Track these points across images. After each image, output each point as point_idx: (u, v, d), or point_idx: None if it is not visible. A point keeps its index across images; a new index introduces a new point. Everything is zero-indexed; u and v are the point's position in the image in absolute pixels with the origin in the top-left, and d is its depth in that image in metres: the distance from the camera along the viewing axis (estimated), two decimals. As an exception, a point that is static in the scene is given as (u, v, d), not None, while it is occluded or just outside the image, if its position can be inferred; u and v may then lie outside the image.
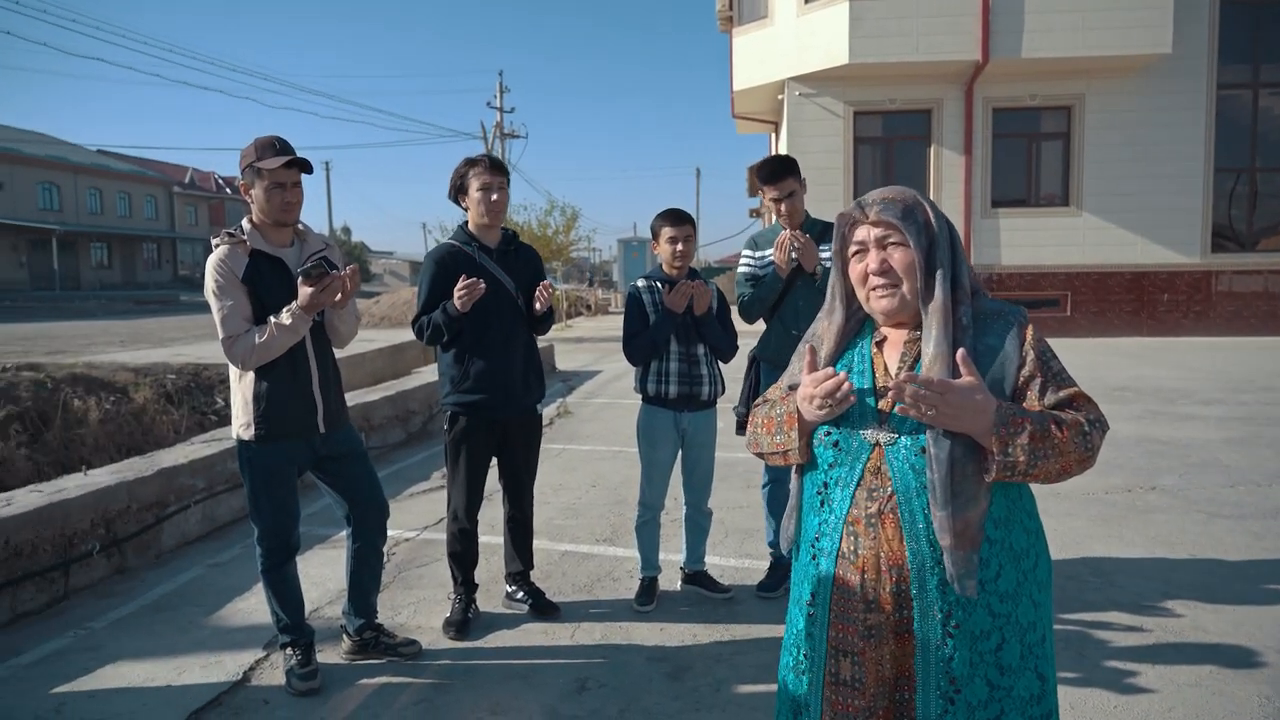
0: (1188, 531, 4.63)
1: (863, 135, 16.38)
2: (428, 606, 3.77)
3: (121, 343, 14.99)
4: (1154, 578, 3.95)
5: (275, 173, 2.86)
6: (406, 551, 4.53)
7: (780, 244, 3.54)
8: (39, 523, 3.86)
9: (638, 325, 3.65)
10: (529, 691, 2.99)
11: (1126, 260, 15.93)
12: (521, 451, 3.64)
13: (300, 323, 2.83)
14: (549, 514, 5.04)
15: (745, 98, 18.32)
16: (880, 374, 1.67)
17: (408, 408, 7.65)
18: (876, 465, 1.60)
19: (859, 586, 1.60)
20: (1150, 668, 3.07)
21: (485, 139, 33.11)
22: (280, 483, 3.00)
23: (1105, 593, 3.77)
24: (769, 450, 1.77)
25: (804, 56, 15.92)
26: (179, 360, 9.38)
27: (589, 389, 10.86)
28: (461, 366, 3.44)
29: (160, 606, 3.86)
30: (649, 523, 3.77)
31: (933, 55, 15.07)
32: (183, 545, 4.68)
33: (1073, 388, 1.59)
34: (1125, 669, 3.07)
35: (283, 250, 2.99)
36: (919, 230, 1.61)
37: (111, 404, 7.41)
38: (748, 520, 4.95)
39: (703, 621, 3.56)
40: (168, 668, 3.22)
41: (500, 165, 3.49)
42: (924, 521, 1.54)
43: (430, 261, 3.48)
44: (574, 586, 3.98)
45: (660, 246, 3.67)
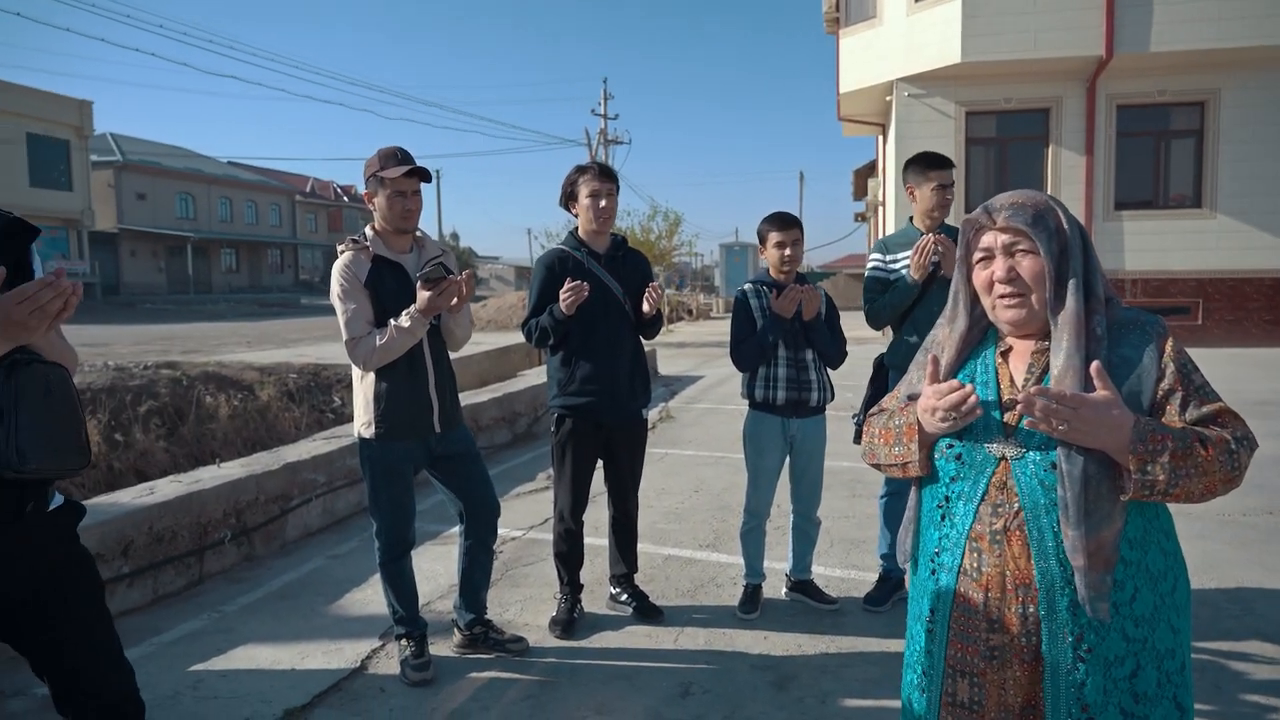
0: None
1: (975, 136, 15.85)
2: (534, 605, 3.85)
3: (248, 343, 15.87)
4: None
5: (397, 181, 2.99)
6: (513, 550, 4.63)
7: (921, 248, 3.44)
8: (178, 511, 4.13)
9: (745, 330, 3.63)
10: (633, 693, 3.01)
11: (1266, 265, 14.87)
12: (626, 455, 3.67)
13: (418, 325, 2.94)
14: (652, 518, 5.07)
15: (852, 100, 17.99)
16: (1006, 385, 1.61)
17: (514, 409, 7.82)
18: (1002, 480, 1.55)
19: (982, 605, 1.55)
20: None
21: (589, 145, 33.59)
22: (398, 480, 3.12)
23: (1244, 621, 3.53)
24: (886, 462, 1.74)
25: (914, 56, 15.52)
26: (300, 360, 9.87)
27: (691, 394, 10.86)
28: (569, 370, 3.50)
29: (285, 594, 4.06)
30: (754, 530, 3.74)
31: (1052, 51, 14.44)
32: (304, 536, 4.92)
33: (1217, 403, 1.51)
34: (1267, 704, 2.86)
35: (402, 256, 3.11)
36: (1050, 237, 1.55)
37: (239, 401, 7.86)
38: (854, 530, 4.85)
39: (808, 632, 3.51)
40: (292, 652, 3.39)
41: (609, 172, 3.54)
42: (1054, 540, 1.49)
43: (540, 266, 3.56)
44: (677, 591, 3.99)
45: (768, 251, 3.65)
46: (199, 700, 3.00)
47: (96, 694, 1.92)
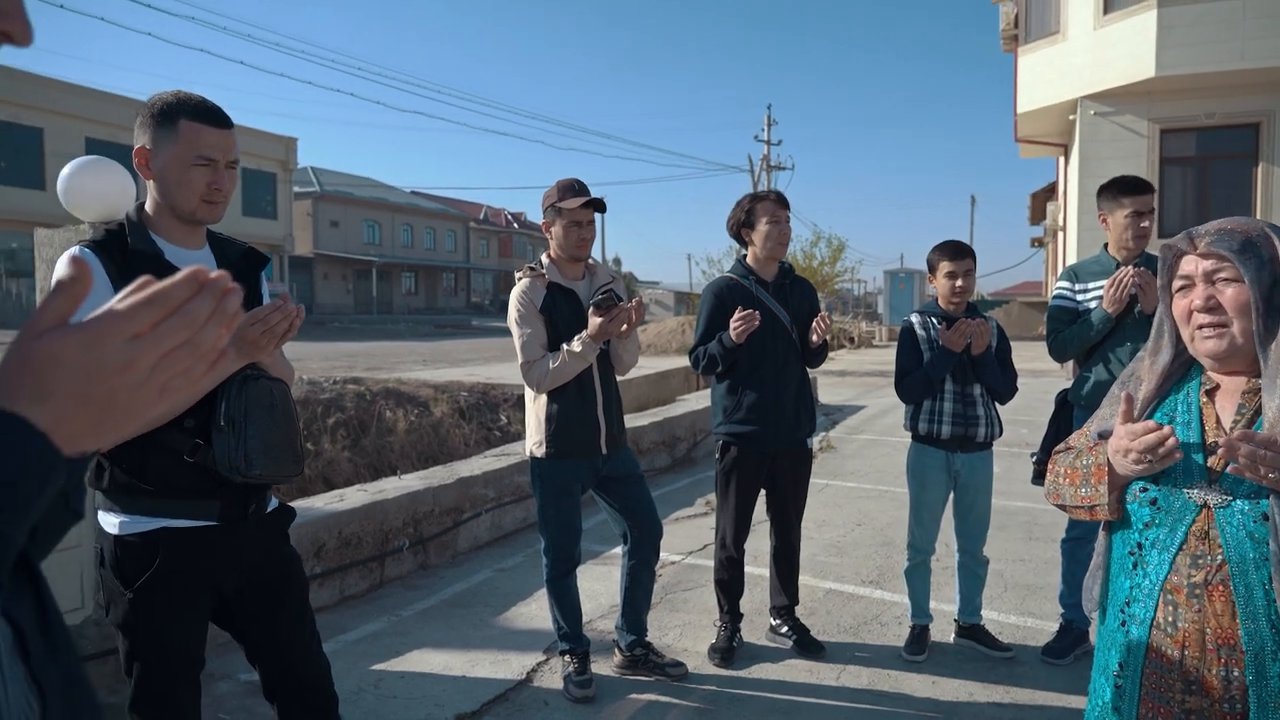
0: None
1: (1171, 155, 14.70)
2: (693, 631, 3.87)
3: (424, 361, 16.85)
4: None
5: (574, 211, 3.14)
6: (672, 574, 4.68)
7: (1118, 281, 3.24)
8: (364, 518, 4.45)
9: (911, 362, 3.54)
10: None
11: None
12: (790, 484, 3.65)
13: (589, 350, 3.06)
14: (813, 550, 4.99)
15: (1030, 120, 17.14)
16: (1211, 427, 1.51)
17: (674, 434, 7.91)
18: (1204, 529, 1.44)
19: (1178, 663, 1.44)
20: None
21: (752, 172, 33.65)
22: (566, 498, 3.24)
23: None
24: (1072, 503, 1.66)
25: (1101, 72, 14.61)
26: (471, 379, 10.40)
27: (852, 424, 10.60)
28: (735, 397, 3.53)
29: (456, 603, 4.28)
30: (919, 566, 3.61)
31: (1262, 61, 13.20)
32: (474, 549, 5.17)
33: None
34: None
35: (575, 283, 3.25)
36: (1260, 265, 1.44)
37: (415, 416, 8.38)
38: (1030, 575, 4.58)
39: (979, 680, 3.34)
40: (463, 659, 3.57)
41: (785, 199, 3.57)
42: (1264, 599, 1.37)
43: (709, 294, 3.61)
44: (839, 627, 3.90)
45: (938, 280, 3.54)
46: (380, 699, 3.22)
47: (301, 682, 2.11)
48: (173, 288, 0.65)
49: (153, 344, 0.64)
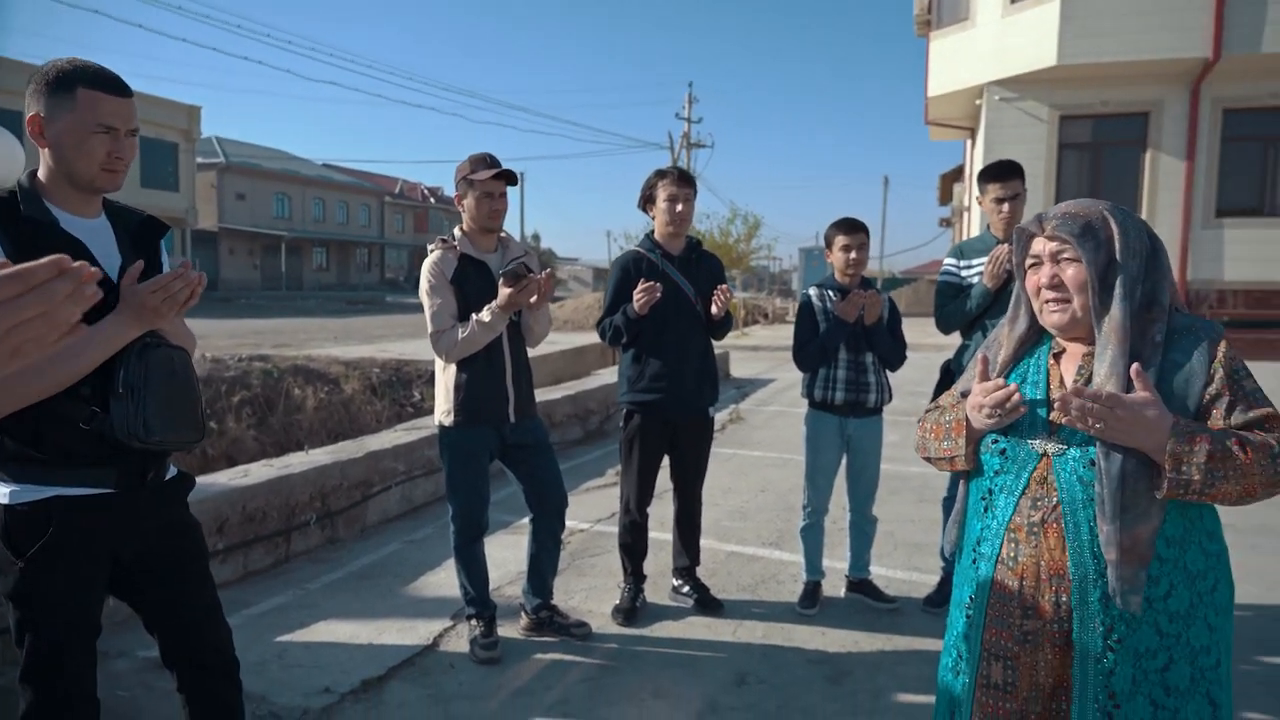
0: None
1: (1069, 141, 15.37)
2: (598, 594, 3.98)
3: (335, 338, 16.51)
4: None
5: (485, 184, 3.18)
6: (580, 541, 4.78)
7: (995, 257, 3.45)
8: (269, 493, 4.40)
9: (808, 332, 3.71)
10: (690, 680, 3.11)
11: (1382, 278, 14.04)
12: (692, 451, 3.77)
13: (498, 320, 3.11)
14: (717, 515, 5.15)
15: (940, 103, 17.68)
16: (1055, 386, 1.67)
17: (587, 407, 7.99)
18: (1043, 475, 1.60)
19: (1017, 592, 1.61)
20: (1371, 725, 2.78)
21: (672, 149, 33.77)
22: (474, 465, 3.29)
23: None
24: (936, 455, 1.81)
25: (1006, 59, 15.16)
26: (384, 356, 10.27)
27: (762, 396, 10.88)
28: (639, 367, 3.62)
29: (364, 574, 4.29)
30: (813, 526, 3.80)
31: (1155, 54, 13.91)
32: (383, 522, 5.16)
33: (1265, 408, 1.53)
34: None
35: (487, 255, 3.29)
36: (1097, 247, 1.59)
37: (325, 393, 8.25)
38: (918, 534, 4.84)
39: (865, 629, 3.55)
40: (370, 628, 3.59)
41: (688, 177, 3.66)
42: (1089, 534, 1.54)
43: (616, 267, 3.69)
44: (738, 586, 4.07)
45: (833, 254, 3.71)
46: (284, 668, 3.22)
47: (200, 646, 2.12)
48: (36, 269, 0.71)
49: (9, 313, 0.69)
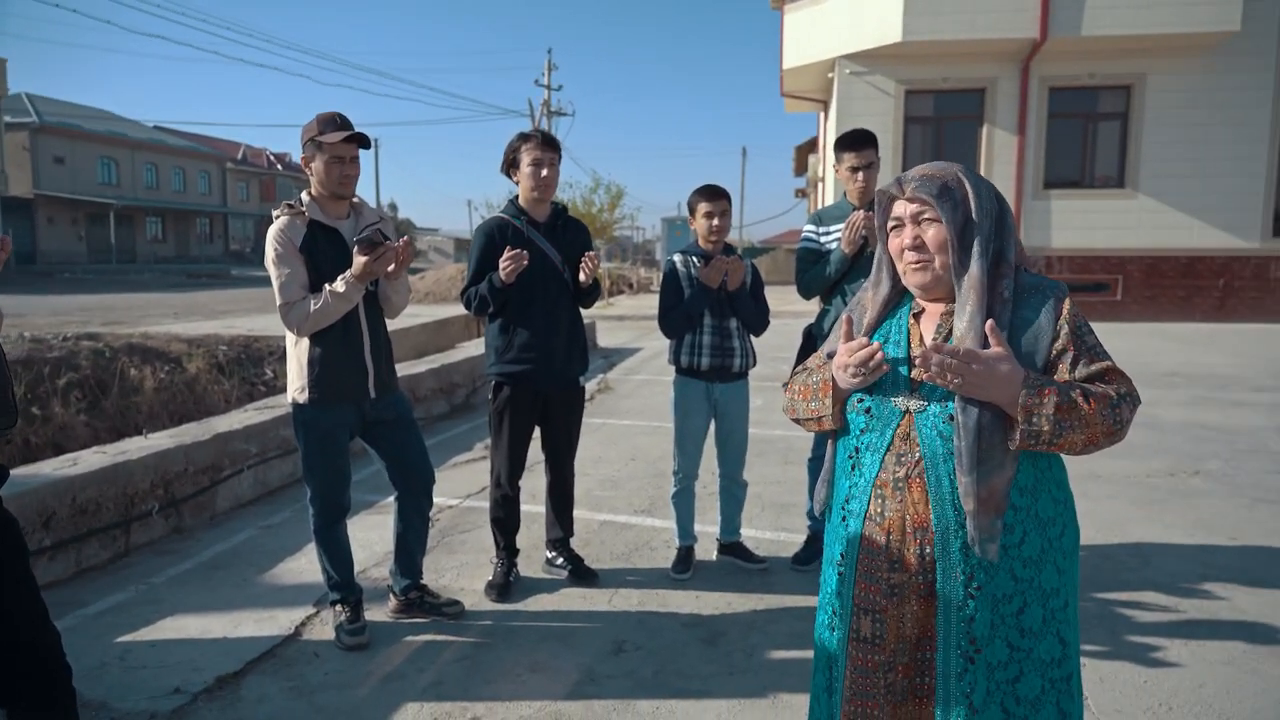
0: (1230, 516, 4.57)
1: (913, 115, 16.13)
2: (470, 570, 3.89)
3: (175, 315, 15.43)
4: (1192, 560, 3.93)
5: (335, 147, 2.98)
6: (450, 518, 4.66)
7: (851, 224, 3.54)
8: (103, 482, 4.05)
9: (673, 299, 3.72)
10: (567, 652, 3.09)
11: (1181, 244, 15.53)
12: (563, 422, 3.73)
13: (353, 290, 2.94)
14: (588, 485, 5.14)
15: (795, 76, 18.14)
16: (916, 344, 1.71)
17: (452, 380, 7.80)
18: (906, 431, 1.65)
19: (884, 546, 1.65)
20: (1183, 645, 3.08)
21: (533, 117, 33.23)
22: (332, 444, 3.12)
23: (1142, 573, 3.76)
24: (804, 416, 1.83)
25: (856, 34, 15.70)
26: (231, 332, 9.66)
27: (629, 365, 10.94)
28: (506, 337, 3.53)
29: (216, 565, 4.03)
30: (684, 492, 3.84)
31: (989, 33, 14.75)
32: (236, 508, 4.87)
33: (1105, 361, 1.61)
34: (1157, 645, 3.08)
35: (339, 222, 3.10)
36: (954, 207, 1.64)
37: (166, 373, 7.67)
38: (785, 495, 5.00)
39: (737, 590, 3.63)
40: (224, 621, 3.38)
41: (552, 141, 3.56)
42: (949, 486, 1.59)
43: (480, 234, 3.57)
44: (612, 555, 4.07)
45: (696, 221, 3.73)
46: (127, 670, 2.99)
47: (25, 651, 1.92)
48: None
49: None
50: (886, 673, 1.65)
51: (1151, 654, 3.01)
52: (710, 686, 2.83)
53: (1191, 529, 4.37)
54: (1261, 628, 3.21)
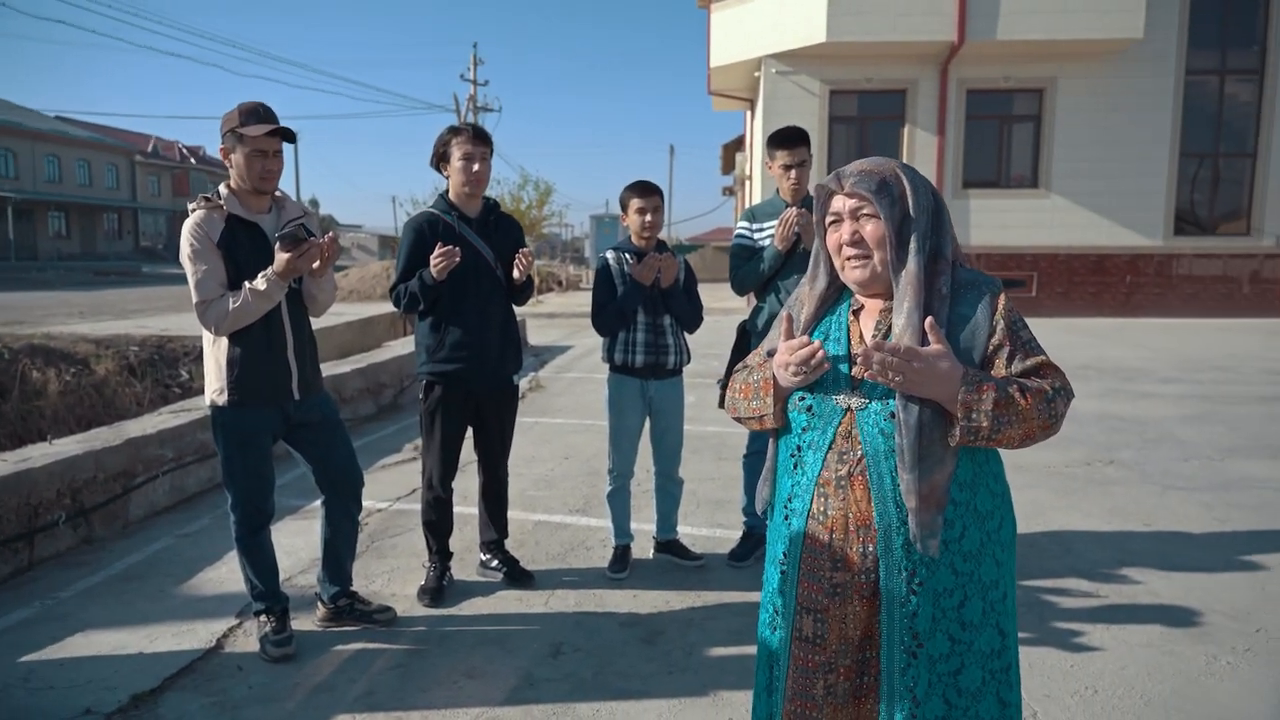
0: (1143, 503, 4.77)
1: (838, 114, 16.42)
2: (402, 575, 3.79)
3: (81, 314, 14.71)
4: (1111, 546, 4.08)
5: (258, 140, 2.85)
6: (379, 522, 4.54)
7: (785, 220, 3.56)
8: (3, 491, 3.82)
9: (606, 296, 3.69)
10: (504, 656, 3.03)
11: (1091, 242, 16.19)
12: (496, 422, 3.65)
13: (275, 288, 2.82)
14: (522, 485, 5.07)
15: (722, 74, 18.27)
16: (856, 341, 1.71)
17: (379, 380, 7.61)
18: (848, 429, 1.64)
19: (828, 545, 1.65)
20: (1105, 629, 3.19)
21: (458, 112, 32.74)
22: (255, 448, 2.99)
23: (1064, 560, 3.89)
24: (746, 415, 1.81)
25: (782, 33, 15.90)
26: (142, 332, 9.25)
27: (560, 364, 10.87)
28: (438, 335, 3.45)
29: (129, 576, 3.83)
30: (619, 490, 3.81)
31: (910, 35, 15.11)
32: (151, 516, 4.65)
33: (1040, 356, 1.64)
34: (1081, 630, 3.18)
35: (260, 217, 2.97)
36: (892, 203, 1.64)
37: (72, 376, 7.30)
38: (719, 491, 5.01)
39: (675, 588, 3.62)
40: (139, 636, 3.21)
41: (484, 135, 3.48)
42: (891, 484, 1.59)
43: (409, 229, 3.47)
44: (548, 555, 4.02)
45: (629, 218, 3.70)
46: (31, 693, 2.81)
47: None
48: None
49: None
50: (827, 674, 1.64)
51: (1076, 639, 3.11)
52: (650, 686, 2.81)
53: (1108, 516, 4.54)
54: (1177, 610, 3.35)
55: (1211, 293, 16.31)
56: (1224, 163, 16.43)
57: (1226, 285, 16.29)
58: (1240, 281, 16.29)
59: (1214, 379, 9.10)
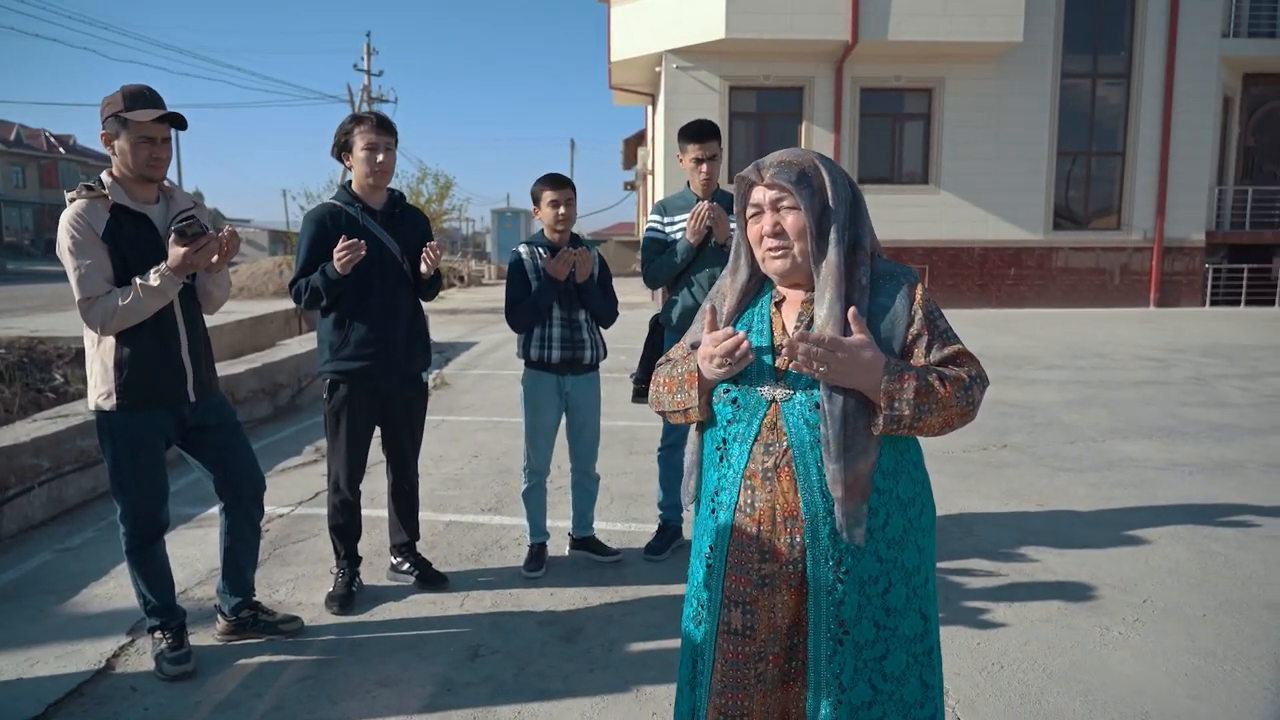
0: (1036, 484, 5.01)
1: (738, 110, 16.67)
2: (307, 583, 3.64)
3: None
4: (1009, 526, 4.26)
5: (145, 126, 2.66)
6: (280, 528, 4.35)
7: (696, 214, 3.57)
8: None
9: (520, 292, 3.62)
10: (419, 662, 2.94)
11: (978, 236, 16.95)
12: (406, 420, 3.54)
13: (170, 285, 2.66)
14: (431, 485, 4.94)
15: (622, 69, 18.28)
16: (779, 333, 1.71)
17: (275, 380, 7.30)
18: (773, 421, 1.65)
19: (755, 537, 1.65)
20: (1008, 606, 3.33)
21: (352, 103, 31.75)
22: (147, 454, 2.81)
23: (966, 542, 4.04)
24: (670, 409, 1.80)
25: (682, 29, 16.01)
26: (9, 334, 8.62)
27: (465, 360, 10.68)
28: (342, 332, 3.31)
29: (4, 596, 3.56)
30: (535, 488, 3.76)
31: (806, 34, 15.45)
32: (27, 530, 4.33)
33: (956, 345, 1.68)
34: (985, 608, 3.31)
35: (148, 207, 2.79)
36: (812, 194, 1.65)
37: (-67, 381, 6.75)
38: (632, 485, 5.01)
39: (592, 585, 3.59)
40: (17, 660, 2.98)
41: (388, 124, 3.35)
42: (817, 474, 1.60)
43: (309, 221, 3.32)
44: (460, 556, 3.93)
45: (542, 211, 3.64)
46: (-106, 728, 2.57)
47: None
48: None
49: None
50: (757, 663, 1.65)
51: (981, 616, 3.24)
52: (572, 685, 2.77)
53: (1005, 498, 4.75)
54: (1072, 586, 3.52)
55: (1088, 284, 17.32)
56: (1096, 161, 17.46)
57: (1100, 277, 17.33)
58: (1112, 273, 17.36)
59: (1093, 365, 9.66)
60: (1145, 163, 17.10)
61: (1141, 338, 12.31)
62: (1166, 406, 7.31)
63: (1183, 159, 17.09)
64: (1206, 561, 3.78)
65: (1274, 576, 3.61)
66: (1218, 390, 8.10)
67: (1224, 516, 4.40)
